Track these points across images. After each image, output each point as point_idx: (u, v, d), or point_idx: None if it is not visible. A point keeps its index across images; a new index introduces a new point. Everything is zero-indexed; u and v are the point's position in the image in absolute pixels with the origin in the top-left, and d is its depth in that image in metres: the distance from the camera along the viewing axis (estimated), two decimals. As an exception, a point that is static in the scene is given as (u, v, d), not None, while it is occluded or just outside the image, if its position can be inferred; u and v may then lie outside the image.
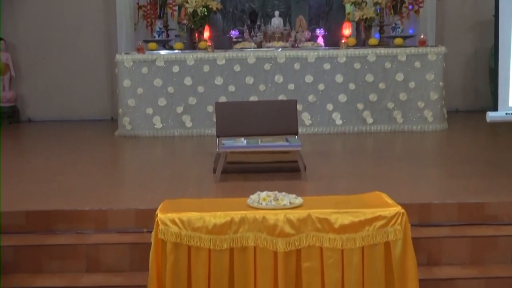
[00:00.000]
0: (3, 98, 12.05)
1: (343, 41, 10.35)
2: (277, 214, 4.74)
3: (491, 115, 6.22)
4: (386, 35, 11.24)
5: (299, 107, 9.56)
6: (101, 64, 12.30)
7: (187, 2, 10.75)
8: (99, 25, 12.33)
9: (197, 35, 10.87)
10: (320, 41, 11.04)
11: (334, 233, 4.70)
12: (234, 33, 11.34)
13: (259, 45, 10.84)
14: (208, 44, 10.30)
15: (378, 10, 11.11)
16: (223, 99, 9.99)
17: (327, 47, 10.62)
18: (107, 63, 12.13)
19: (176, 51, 10.58)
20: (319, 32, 11.25)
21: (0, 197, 6.26)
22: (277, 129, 7.55)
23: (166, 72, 10.18)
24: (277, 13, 11.37)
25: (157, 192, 6.51)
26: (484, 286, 5.41)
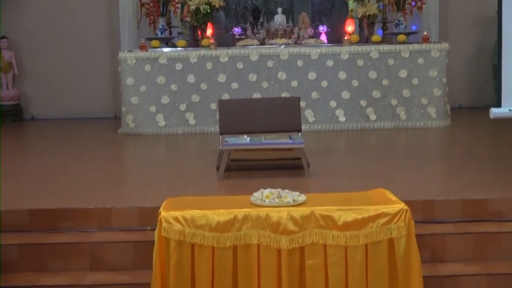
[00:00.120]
0: (7, 96, 12.06)
1: (346, 38, 10.33)
2: (280, 212, 4.74)
3: (494, 112, 6.21)
4: (389, 31, 11.22)
5: (302, 104, 9.52)
6: (104, 62, 12.29)
7: (189, 0, 10.75)
8: (102, 23, 12.32)
9: (199, 32, 10.86)
10: (323, 38, 11.02)
11: (337, 230, 4.70)
12: (237, 30, 11.33)
13: (262, 42, 10.83)
14: (211, 41, 10.29)
15: (381, 7, 11.09)
16: (226, 97, 9.98)
17: (330, 44, 10.60)
18: (110, 61, 12.12)
19: (179, 48, 10.57)
20: (322, 29, 11.24)
21: (0, 195, 6.27)
22: (280, 126, 7.54)
23: (169, 69, 10.17)
24: (279, 10, 11.35)
25: (160, 190, 6.51)
26: (488, 282, 5.41)
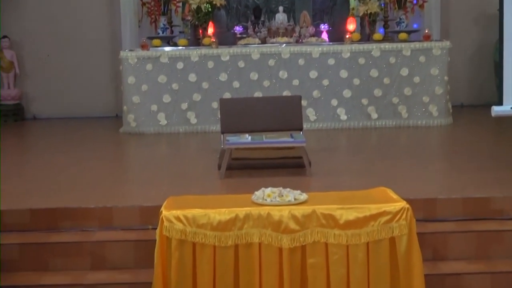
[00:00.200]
0: (8, 95, 12.07)
1: (347, 36, 10.33)
2: (281, 210, 4.74)
3: (496, 110, 6.20)
4: (390, 30, 11.21)
5: (304, 102, 9.54)
6: (106, 61, 12.31)
7: (191, -2, 10.76)
8: (103, 22, 12.34)
9: (201, 31, 10.86)
10: (325, 36, 11.02)
11: (339, 229, 4.70)
12: (238, 29, 11.32)
13: (263, 41, 10.83)
14: (212, 40, 10.29)
15: (383, 5, 11.09)
16: (227, 95, 9.98)
17: (331, 43, 10.61)
18: (111, 60, 12.13)
19: (180, 47, 10.57)
20: (323, 27, 11.22)
21: (0, 194, 6.27)
22: (282, 125, 7.53)
23: (171, 68, 10.17)
24: (281, 8, 11.33)
25: (161, 189, 6.50)
26: (490, 281, 5.40)
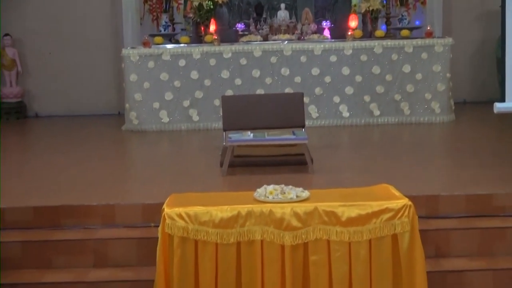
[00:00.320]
0: (10, 93, 12.08)
1: (349, 33, 10.32)
2: (284, 208, 4.74)
3: (498, 106, 6.19)
4: (392, 26, 11.20)
5: (306, 99, 9.54)
6: (108, 58, 12.30)
7: (192, -4, 10.76)
8: (105, 19, 12.33)
9: (203, 28, 10.86)
10: (326, 33, 11.01)
11: (341, 226, 4.70)
12: (240, 26, 11.31)
13: (265, 38, 10.82)
14: (214, 37, 10.28)
15: (385, 2, 11.09)
16: (229, 93, 9.98)
17: (333, 40, 10.60)
18: (113, 58, 12.13)
19: (182, 44, 10.57)
20: (325, 24, 11.22)
21: (1, 192, 6.28)
22: (284, 122, 7.52)
23: (172, 66, 10.17)
24: (283, 5, 11.33)
25: (164, 186, 6.51)
26: (492, 278, 5.40)
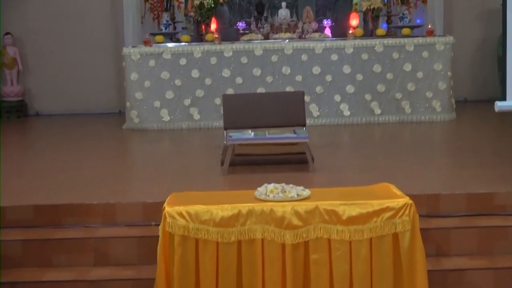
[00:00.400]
0: (11, 92, 12.08)
1: (350, 31, 10.31)
2: (284, 206, 4.73)
3: (499, 105, 6.18)
4: (393, 25, 11.18)
5: (307, 98, 9.54)
6: (109, 57, 12.30)
7: (193, -6, 10.75)
8: (106, 18, 12.33)
9: (204, 27, 10.86)
10: (327, 32, 11.00)
11: (342, 225, 4.69)
12: (241, 25, 11.31)
13: (266, 37, 10.81)
14: (215, 36, 10.27)
15: (386, 0, 11.06)
16: (230, 91, 9.97)
17: (334, 38, 10.58)
18: (114, 57, 12.13)
19: (183, 43, 10.56)
20: (326, 23, 11.21)
21: (1, 191, 6.28)
22: (285, 121, 7.52)
23: (173, 64, 10.16)
24: (284, 4, 11.31)
25: (164, 185, 6.51)
26: (493, 277, 5.39)
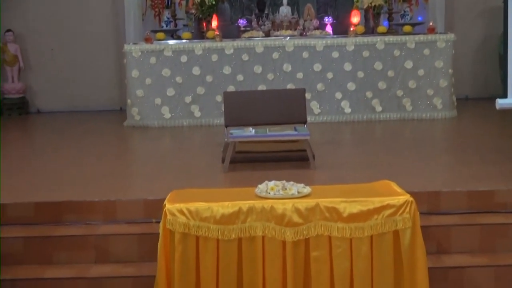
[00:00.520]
0: (12, 89, 12.08)
1: (351, 29, 10.30)
2: (285, 204, 4.73)
3: (500, 102, 6.19)
4: (395, 22, 11.18)
5: (308, 95, 9.53)
6: (110, 54, 12.31)
7: (195, -8, 10.74)
8: (107, 15, 12.33)
9: (205, 24, 10.85)
10: (329, 29, 10.99)
11: (342, 222, 4.69)
12: (242, 22, 11.30)
13: (267, 34, 10.80)
14: (216, 33, 10.27)
15: (387, -2, 11.06)
16: (231, 89, 9.97)
17: (335, 35, 10.57)
18: (115, 54, 12.13)
19: (184, 40, 10.56)
20: (328, 20, 11.20)
21: (2, 188, 6.29)
22: (286, 118, 7.52)
23: (174, 62, 10.16)
24: (285, 1, 11.27)
25: (165, 182, 6.51)
26: (494, 274, 5.39)
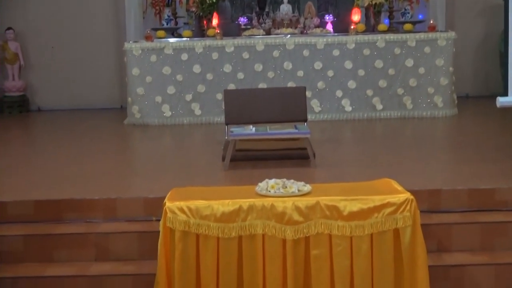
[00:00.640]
0: (13, 87, 12.07)
1: (352, 27, 10.28)
2: (285, 202, 4.73)
3: (501, 100, 6.19)
4: (395, 20, 11.18)
5: (308, 94, 9.53)
6: (110, 52, 12.29)
7: (195, -11, 10.74)
8: (108, 13, 12.32)
9: (205, 22, 10.84)
10: (329, 27, 10.99)
11: (342, 220, 4.69)
12: (242, 20, 11.29)
13: (268, 32, 10.79)
14: (216, 31, 10.26)
15: (387, -4, 11.05)
16: (232, 87, 9.96)
17: (336, 34, 10.56)
18: (116, 52, 12.12)
19: (185, 38, 10.55)
20: (328, 18, 11.20)
21: (3, 186, 6.29)
22: (286, 116, 7.52)
23: (175, 60, 10.15)
24: (285, -1, 11.32)
25: (165, 180, 6.50)
26: (494, 272, 5.39)
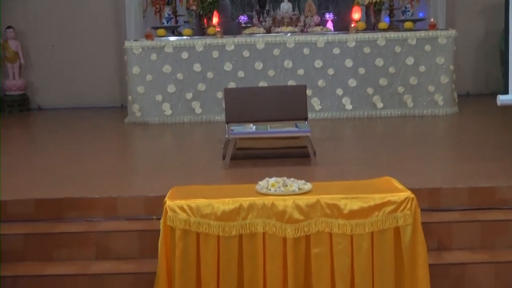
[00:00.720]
0: (13, 86, 12.07)
1: (352, 25, 10.28)
2: (286, 200, 4.73)
3: (502, 99, 6.18)
4: (396, 18, 11.17)
5: (309, 92, 9.52)
6: (110, 51, 12.30)
7: (195, -12, 10.73)
8: (108, 12, 12.32)
9: (205, 21, 10.84)
10: (330, 25, 10.98)
11: (343, 219, 4.69)
12: (243, 18, 11.29)
13: (268, 30, 10.79)
14: (217, 29, 10.26)
15: (388, -6, 11.06)
16: (232, 85, 9.96)
17: (336, 32, 10.55)
18: (116, 50, 12.12)
19: (185, 37, 10.55)
20: (328, 16, 11.20)
21: (2, 184, 6.30)
22: (287, 115, 7.52)
23: (175, 58, 10.15)
24: (286, -2, 11.31)
25: (166, 179, 6.51)
26: (495, 271, 5.38)
